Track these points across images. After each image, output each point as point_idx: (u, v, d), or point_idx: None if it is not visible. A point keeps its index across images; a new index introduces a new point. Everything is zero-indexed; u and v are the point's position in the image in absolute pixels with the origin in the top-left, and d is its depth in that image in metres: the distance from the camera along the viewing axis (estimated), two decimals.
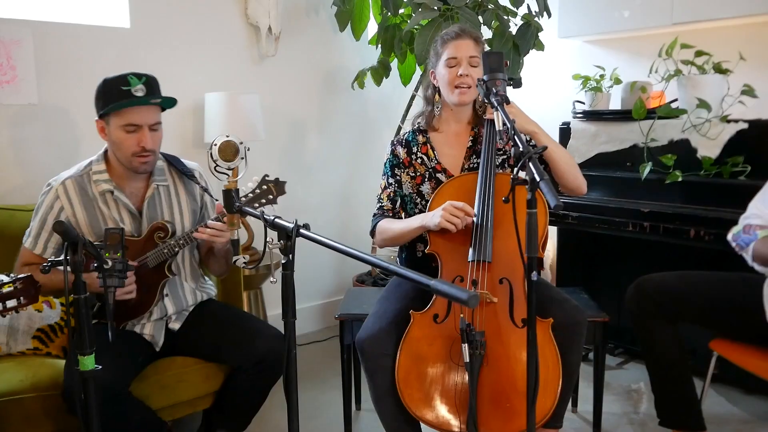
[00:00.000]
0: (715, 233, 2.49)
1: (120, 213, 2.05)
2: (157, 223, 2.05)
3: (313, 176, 3.63)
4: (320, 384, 2.96)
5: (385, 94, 3.81)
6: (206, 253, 2.20)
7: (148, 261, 2.00)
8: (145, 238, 2.03)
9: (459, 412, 1.78)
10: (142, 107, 1.95)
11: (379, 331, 1.91)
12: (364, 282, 3.49)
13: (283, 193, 1.91)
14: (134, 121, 1.94)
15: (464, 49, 2.03)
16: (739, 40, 2.97)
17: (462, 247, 1.92)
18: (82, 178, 2.04)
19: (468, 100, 2.08)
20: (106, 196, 2.04)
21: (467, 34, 2.06)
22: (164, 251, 2.00)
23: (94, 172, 2.04)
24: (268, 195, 1.89)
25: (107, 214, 2.03)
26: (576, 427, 2.52)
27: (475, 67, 2.03)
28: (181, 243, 2.01)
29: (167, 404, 2.08)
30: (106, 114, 1.95)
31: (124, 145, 1.96)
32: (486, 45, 2.14)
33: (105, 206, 2.04)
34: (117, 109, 1.92)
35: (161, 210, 2.11)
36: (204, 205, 2.22)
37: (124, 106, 1.92)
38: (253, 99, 2.97)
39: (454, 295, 1.00)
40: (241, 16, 3.22)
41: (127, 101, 1.91)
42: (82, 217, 2.02)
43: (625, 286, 2.29)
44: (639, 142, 2.87)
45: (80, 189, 2.03)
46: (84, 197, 2.02)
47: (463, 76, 2.02)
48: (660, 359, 2.20)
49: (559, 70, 3.65)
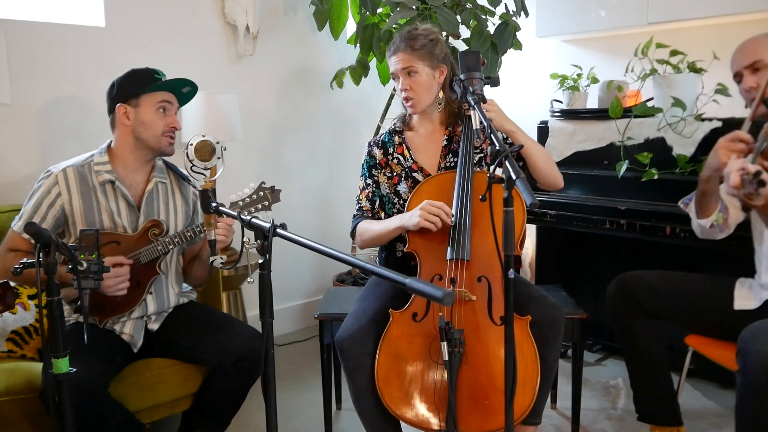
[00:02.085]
0: (690, 230, 2.51)
1: (118, 204, 2.06)
2: (152, 219, 2.06)
3: (292, 176, 3.62)
4: (300, 384, 2.95)
5: (364, 93, 3.81)
6: (190, 261, 2.21)
7: (140, 257, 2.00)
8: (139, 234, 2.04)
9: (438, 410, 1.78)
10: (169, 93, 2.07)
11: (358, 330, 1.91)
12: (344, 282, 3.49)
13: (278, 201, 1.98)
14: (168, 99, 2.06)
15: (397, 64, 2.06)
16: (713, 40, 3.02)
17: (440, 245, 1.92)
18: (83, 168, 2.05)
19: (418, 109, 2.10)
20: (105, 187, 2.05)
21: (398, 47, 2.06)
22: (158, 248, 2.01)
23: (96, 163, 2.06)
24: (263, 201, 1.95)
25: (104, 205, 2.04)
26: (555, 423, 2.54)
27: (414, 74, 2.04)
28: (177, 241, 2.02)
29: (146, 406, 2.06)
30: (137, 96, 2.02)
31: (157, 124, 2.04)
32: (438, 41, 2.09)
33: (103, 197, 2.04)
34: (159, 89, 2.03)
35: (158, 206, 2.13)
36: (196, 210, 2.24)
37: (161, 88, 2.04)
38: (230, 98, 2.95)
39: (429, 293, 1.00)
40: (219, 14, 3.20)
41: (168, 81, 2.05)
42: (77, 206, 2.01)
43: (603, 283, 2.32)
44: (616, 140, 2.89)
45: (80, 177, 2.03)
46: (83, 186, 2.03)
47: (402, 90, 2.06)
48: (639, 355, 2.23)
49: (537, 69, 3.68)
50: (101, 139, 2.15)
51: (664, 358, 2.22)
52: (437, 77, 2.07)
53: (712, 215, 2.03)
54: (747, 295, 2.04)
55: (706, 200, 2.01)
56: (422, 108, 2.09)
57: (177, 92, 2.10)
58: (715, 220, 2.03)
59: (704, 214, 2.04)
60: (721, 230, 2.07)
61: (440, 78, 2.08)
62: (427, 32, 2.08)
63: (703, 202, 2.02)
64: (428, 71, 2.05)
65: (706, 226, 2.05)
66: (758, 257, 2.08)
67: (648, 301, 2.16)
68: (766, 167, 1.72)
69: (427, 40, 2.05)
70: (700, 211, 2.05)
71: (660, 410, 2.23)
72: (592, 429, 2.49)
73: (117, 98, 2.04)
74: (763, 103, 1.96)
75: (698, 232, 2.14)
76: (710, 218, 2.03)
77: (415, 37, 2.05)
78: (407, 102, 2.08)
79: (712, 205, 2.02)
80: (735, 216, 2.09)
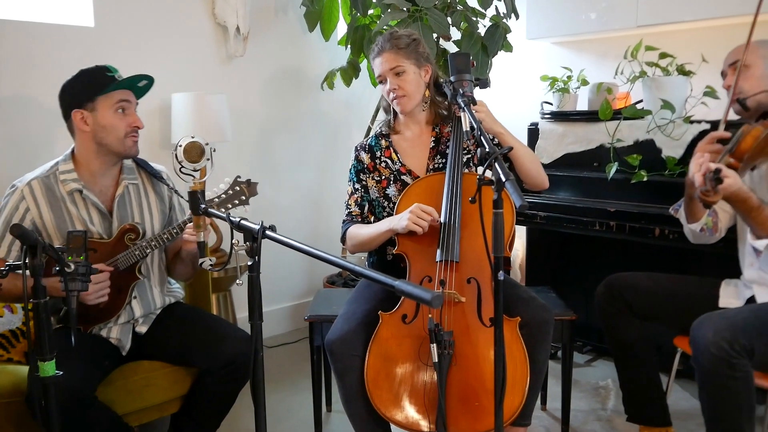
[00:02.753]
0: (679, 232, 2.52)
1: (89, 213, 2.01)
2: (127, 224, 2.02)
3: (283, 177, 3.61)
4: (290, 386, 2.94)
5: (355, 94, 3.80)
6: (173, 257, 2.19)
7: (118, 263, 1.97)
8: (115, 240, 2.01)
9: (428, 412, 1.78)
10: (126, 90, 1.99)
11: (348, 332, 1.91)
12: (335, 283, 3.48)
13: (254, 194, 1.93)
14: (126, 97, 1.98)
15: (383, 65, 2.07)
16: (702, 43, 3.03)
17: (430, 247, 1.92)
18: (49, 179, 1.99)
19: (409, 108, 2.10)
20: (74, 196, 2.00)
21: (383, 48, 2.07)
22: (135, 253, 1.98)
23: (61, 172, 2.00)
24: (240, 196, 1.91)
25: (75, 214, 1.99)
26: (545, 424, 2.55)
27: (402, 73, 2.05)
28: (154, 245, 1.99)
29: (134, 409, 2.05)
30: (92, 100, 1.94)
31: (118, 126, 1.97)
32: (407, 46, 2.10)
33: (73, 206, 2.00)
34: (115, 89, 1.95)
35: (131, 210, 2.08)
36: (173, 206, 2.20)
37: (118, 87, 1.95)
38: (220, 99, 2.94)
39: (418, 295, 1.00)
40: (209, 15, 3.19)
41: (126, 80, 1.96)
42: (48, 219, 1.97)
43: (593, 284, 2.32)
44: (605, 142, 2.90)
45: (47, 189, 1.98)
46: (51, 198, 1.98)
47: (392, 90, 2.06)
48: (628, 356, 2.25)
49: (528, 71, 3.68)
50: None
51: (653, 359, 2.23)
52: (423, 76, 2.09)
53: (701, 219, 2.05)
54: (732, 294, 2.06)
55: (694, 205, 2.03)
56: (413, 106, 2.10)
57: (133, 88, 2.02)
58: (705, 224, 2.05)
59: (694, 218, 2.06)
60: (711, 234, 2.09)
61: (426, 77, 2.10)
62: (409, 33, 2.11)
63: (691, 206, 2.04)
64: (415, 69, 2.06)
65: (697, 230, 2.07)
66: (741, 254, 2.11)
67: (636, 302, 2.18)
68: (733, 165, 1.75)
69: (410, 40, 2.08)
70: (690, 216, 2.07)
71: (649, 411, 2.24)
72: (581, 430, 2.49)
73: (71, 104, 1.96)
74: (737, 102, 2.00)
75: (690, 237, 2.16)
76: (700, 222, 2.05)
77: (398, 37, 2.08)
78: (397, 101, 2.08)
79: (700, 209, 2.04)
80: (725, 219, 2.10)
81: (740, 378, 1.73)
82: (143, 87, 2.04)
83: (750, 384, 1.76)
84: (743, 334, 1.73)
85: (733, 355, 1.72)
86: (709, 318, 1.83)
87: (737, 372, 1.73)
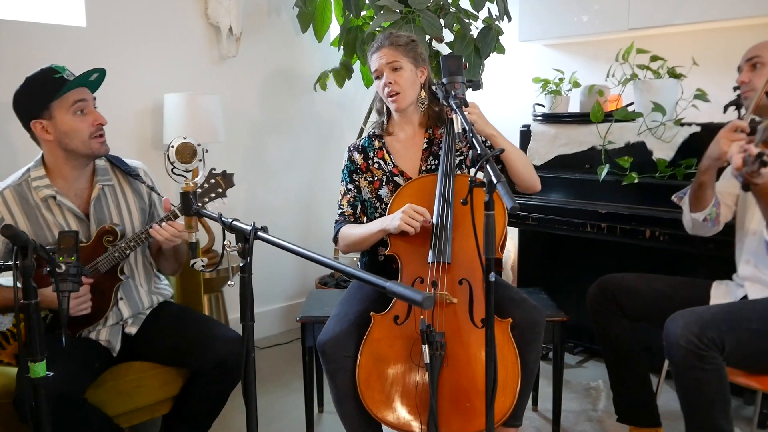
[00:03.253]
0: (670, 233, 2.55)
1: (65, 218, 1.98)
2: (104, 227, 1.98)
3: (275, 178, 3.61)
4: (282, 387, 2.94)
5: (348, 95, 3.81)
6: (156, 252, 2.16)
7: (99, 266, 1.94)
8: (93, 243, 1.97)
9: (420, 413, 1.79)
10: (79, 88, 1.91)
11: (339, 333, 1.91)
12: (327, 284, 3.48)
13: (231, 185, 1.87)
14: (82, 96, 1.90)
15: (380, 59, 2.08)
16: (693, 46, 3.06)
17: (422, 248, 1.93)
18: (21, 186, 1.95)
19: (404, 104, 2.10)
20: (48, 202, 1.96)
21: (382, 44, 2.09)
22: (115, 255, 1.95)
23: (33, 179, 1.95)
24: (216, 189, 1.85)
25: (52, 221, 1.96)
26: (536, 425, 2.55)
27: (399, 69, 2.06)
28: (132, 245, 1.95)
29: (125, 410, 2.04)
30: (47, 108, 1.88)
31: (80, 129, 1.90)
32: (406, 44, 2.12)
33: (49, 213, 1.96)
34: (68, 90, 1.87)
35: (109, 211, 2.06)
36: (152, 203, 2.17)
37: (69, 89, 1.87)
38: (213, 100, 2.94)
39: (408, 296, 1.00)
40: (202, 16, 3.19)
41: (75, 80, 1.87)
42: (24, 227, 1.93)
43: (584, 285, 2.33)
44: (597, 144, 2.92)
45: (20, 198, 1.94)
46: (25, 206, 1.94)
47: (387, 84, 2.06)
48: (619, 356, 2.26)
49: (520, 73, 3.70)
50: None
51: (643, 360, 2.24)
52: (419, 76, 2.11)
53: (706, 209, 2.05)
54: (723, 295, 2.08)
55: (702, 192, 2.02)
56: (407, 104, 2.10)
57: (86, 84, 1.93)
58: (709, 214, 2.06)
59: (699, 207, 2.06)
60: (713, 224, 2.10)
61: (422, 77, 2.12)
62: (408, 34, 2.15)
63: (699, 194, 2.03)
64: (411, 68, 2.08)
65: (699, 219, 2.07)
66: (738, 251, 2.11)
67: (628, 303, 2.19)
68: None
69: (409, 40, 2.11)
70: (695, 204, 2.07)
71: (639, 411, 2.26)
72: (572, 431, 2.50)
73: (28, 115, 1.89)
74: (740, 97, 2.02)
75: (689, 226, 2.15)
76: (704, 212, 2.05)
77: (398, 35, 2.10)
78: (391, 96, 2.08)
79: (707, 198, 2.03)
80: (725, 214, 2.11)
81: (711, 370, 1.77)
82: (96, 80, 1.96)
83: (722, 377, 1.79)
84: (712, 328, 1.77)
85: (702, 348, 1.75)
86: (682, 313, 1.87)
87: (707, 364, 1.76)
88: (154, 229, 1.89)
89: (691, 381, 1.80)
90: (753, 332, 1.81)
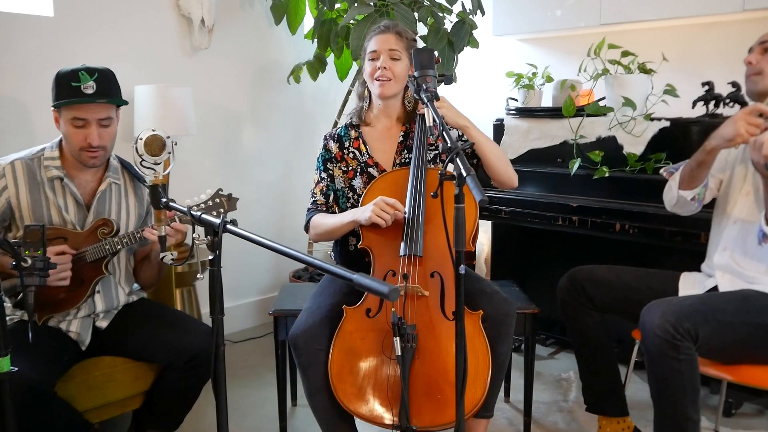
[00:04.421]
0: (639, 227, 2.59)
1: (66, 201, 2.01)
2: (103, 218, 2.01)
3: (249, 172, 3.59)
4: (255, 381, 2.93)
5: (322, 88, 3.79)
6: (140, 261, 2.18)
7: (86, 255, 1.96)
8: (88, 231, 1.99)
9: (392, 405, 1.79)
10: (92, 104, 1.93)
11: (312, 326, 1.91)
12: (301, 278, 3.48)
13: (233, 209, 1.94)
14: (81, 116, 1.93)
15: (384, 43, 2.07)
16: (662, 42, 3.10)
17: (394, 241, 1.93)
18: (32, 162, 2.01)
19: (388, 93, 2.10)
20: (54, 183, 2.00)
21: (390, 28, 2.10)
22: (105, 247, 1.96)
23: (46, 158, 2.01)
24: (219, 208, 1.92)
25: (52, 200, 1.99)
26: (507, 416, 2.58)
27: (397, 60, 2.06)
28: (125, 242, 1.97)
29: (95, 405, 2.02)
30: (59, 107, 1.95)
31: (73, 139, 1.96)
32: (418, 40, 2.16)
33: (51, 192, 2.00)
34: (65, 105, 1.92)
35: (110, 207, 2.09)
36: (149, 211, 2.19)
37: (70, 103, 1.92)
38: (185, 92, 2.91)
39: (375, 288, 1.01)
40: (173, 7, 3.14)
41: (73, 99, 1.91)
42: (25, 200, 1.97)
43: (556, 278, 2.36)
44: (569, 138, 2.95)
45: (29, 171, 1.99)
46: (31, 180, 1.98)
47: (381, 68, 2.06)
48: (588, 348, 2.28)
49: (493, 67, 3.72)
50: (48, 134, 2.10)
51: (612, 351, 2.27)
52: (408, 74, 2.10)
53: (697, 188, 2.07)
54: (690, 287, 2.10)
55: (700, 171, 2.02)
56: (391, 93, 2.10)
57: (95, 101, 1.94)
58: (698, 194, 2.08)
59: (690, 185, 2.06)
60: (699, 204, 2.12)
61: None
62: (413, 31, 2.18)
63: (696, 172, 2.02)
64: (406, 63, 2.08)
65: (688, 197, 2.08)
66: (714, 238, 2.12)
67: (597, 295, 2.21)
68: None
69: (412, 38, 2.13)
70: (688, 182, 2.06)
71: (607, 402, 2.29)
72: (543, 421, 2.54)
73: (53, 101, 1.97)
74: None
75: (671, 203, 2.16)
76: (694, 191, 2.07)
77: (405, 29, 2.13)
78: (380, 80, 2.06)
79: (702, 178, 2.04)
80: (709, 195, 2.14)
81: (684, 360, 1.79)
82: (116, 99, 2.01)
83: (694, 367, 1.82)
84: (688, 319, 1.79)
85: (677, 338, 1.78)
86: (658, 303, 1.88)
87: (681, 354, 1.78)
88: (148, 231, 1.93)
89: (664, 370, 1.82)
90: (725, 324, 1.83)
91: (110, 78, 1.99)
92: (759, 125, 1.82)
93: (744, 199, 2.02)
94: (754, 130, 1.81)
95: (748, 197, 2.01)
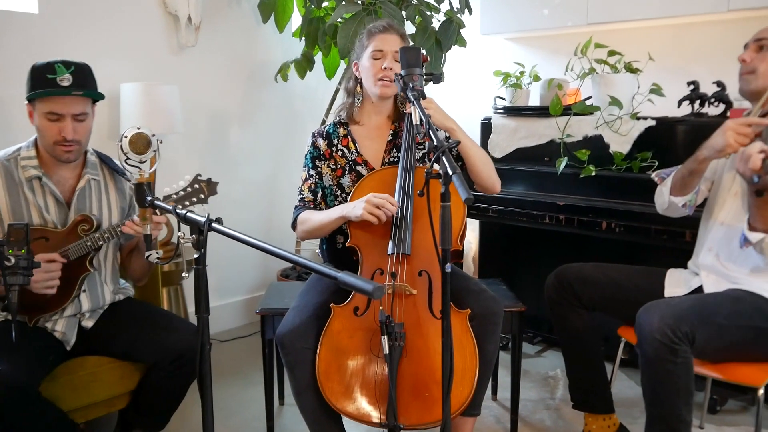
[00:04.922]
0: (625, 225, 2.60)
1: (45, 200, 1.99)
2: (82, 215, 1.99)
3: (236, 170, 3.57)
4: (242, 380, 2.92)
5: (310, 87, 3.78)
6: (128, 255, 2.16)
7: (69, 253, 1.94)
8: (68, 230, 1.98)
9: (379, 404, 1.79)
10: (67, 96, 1.90)
11: (299, 325, 1.91)
12: (289, 276, 3.47)
13: (214, 194, 1.91)
14: (56, 110, 1.91)
15: (390, 43, 2.06)
16: (649, 41, 3.12)
17: (382, 240, 1.93)
18: (9, 163, 1.98)
19: (390, 94, 2.10)
20: (33, 183, 1.98)
21: (394, 29, 2.10)
22: (87, 244, 1.95)
23: (22, 158, 1.98)
24: (199, 194, 1.89)
25: (32, 200, 1.97)
26: (495, 414, 2.59)
27: (398, 62, 2.05)
28: (106, 236, 1.95)
29: (80, 405, 2.01)
30: (33, 100, 1.92)
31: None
32: (410, 41, 2.17)
33: (30, 192, 1.97)
34: (39, 96, 1.89)
35: (90, 203, 2.06)
36: (132, 204, 2.17)
37: (45, 95, 1.88)
38: (171, 90, 2.89)
39: (359, 287, 1.01)
40: (159, 4, 3.12)
41: (48, 90, 1.88)
42: (4, 201, 1.94)
43: (544, 276, 2.37)
44: (556, 137, 2.96)
45: (6, 173, 1.96)
46: (9, 181, 1.96)
47: (387, 69, 2.05)
48: (575, 345, 2.29)
49: (481, 66, 3.73)
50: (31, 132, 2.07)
51: (599, 349, 2.29)
52: None
53: (688, 194, 2.07)
54: (676, 284, 2.12)
55: (692, 179, 2.02)
56: (393, 94, 2.11)
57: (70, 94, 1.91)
58: (689, 200, 2.09)
59: (683, 192, 2.07)
60: (690, 209, 2.12)
61: None
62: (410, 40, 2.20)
63: (688, 180, 2.03)
64: None
65: (679, 204, 2.09)
66: (701, 237, 2.14)
67: (585, 293, 2.22)
68: None
69: (409, 41, 2.16)
70: (680, 189, 2.07)
71: (593, 399, 2.30)
72: (530, 419, 2.55)
73: (28, 94, 1.93)
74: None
75: (662, 207, 2.17)
76: (686, 197, 2.08)
77: (405, 33, 2.14)
78: (384, 81, 2.06)
79: (694, 185, 2.05)
80: (701, 198, 2.14)
81: (681, 363, 1.79)
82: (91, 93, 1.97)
83: (689, 370, 1.82)
84: (686, 322, 1.79)
85: (675, 341, 1.77)
86: (656, 305, 1.88)
87: (678, 357, 1.79)
88: (128, 225, 1.90)
89: (661, 373, 1.82)
90: (720, 327, 1.84)
91: (87, 72, 1.97)
92: (748, 134, 1.83)
93: (732, 200, 2.03)
94: (744, 140, 1.82)
95: (736, 197, 2.02)
